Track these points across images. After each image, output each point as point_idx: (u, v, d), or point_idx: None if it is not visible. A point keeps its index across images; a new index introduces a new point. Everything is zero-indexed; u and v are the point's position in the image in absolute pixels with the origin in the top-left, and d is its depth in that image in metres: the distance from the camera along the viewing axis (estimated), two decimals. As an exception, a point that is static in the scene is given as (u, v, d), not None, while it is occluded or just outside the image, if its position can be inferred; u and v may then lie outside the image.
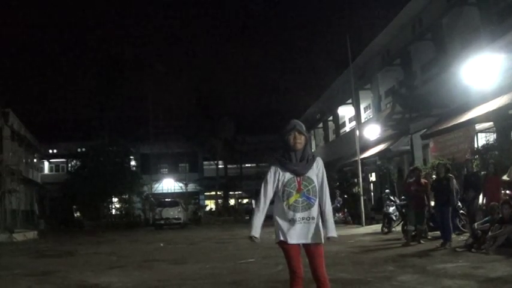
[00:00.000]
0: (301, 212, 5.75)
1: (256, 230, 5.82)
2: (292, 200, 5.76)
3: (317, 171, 5.92)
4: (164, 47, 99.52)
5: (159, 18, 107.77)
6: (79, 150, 54.29)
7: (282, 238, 5.76)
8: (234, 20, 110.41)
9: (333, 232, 5.92)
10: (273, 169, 5.89)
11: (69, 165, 56.87)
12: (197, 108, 64.29)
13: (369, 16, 74.01)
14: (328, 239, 5.91)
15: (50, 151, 67.53)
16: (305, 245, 5.80)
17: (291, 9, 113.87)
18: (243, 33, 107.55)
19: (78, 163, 53.15)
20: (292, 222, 5.73)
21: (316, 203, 5.84)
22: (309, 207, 5.78)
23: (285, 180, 5.82)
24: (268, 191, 5.84)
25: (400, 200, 22.38)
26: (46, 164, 69.47)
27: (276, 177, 5.86)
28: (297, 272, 5.80)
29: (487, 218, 14.09)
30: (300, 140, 5.82)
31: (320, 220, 5.85)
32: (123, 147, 52.95)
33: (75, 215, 52.66)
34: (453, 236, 15.58)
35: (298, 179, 5.81)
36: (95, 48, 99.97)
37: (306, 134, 5.91)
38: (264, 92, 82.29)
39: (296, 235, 5.73)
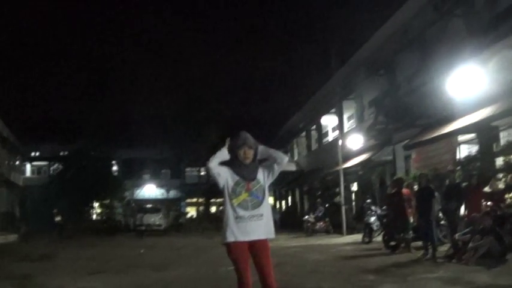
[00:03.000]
0: (250, 210, 5.94)
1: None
2: (241, 198, 5.97)
3: (262, 176, 6.19)
4: (149, 52, 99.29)
5: (144, 23, 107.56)
6: (61, 153, 54.05)
7: (230, 239, 5.91)
8: (219, 28, 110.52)
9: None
10: (224, 167, 6.17)
11: (51, 168, 56.60)
12: (181, 114, 64.15)
13: (354, 26, 74.12)
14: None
15: (33, 154, 67.21)
16: (253, 245, 5.93)
17: (277, 18, 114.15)
18: (228, 40, 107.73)
19: (60, 166, 52.93)
20: (242, 220, 5.90)
21: (265, 201, 6.06)
22: (258, 205, 5.98)
23: (235, 180, 6.06)
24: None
25: (382, 210, 22.46)
26: (28, 166, 68.99)
27: (225, 176, 6.12)
28: (244, 277, 5.95)
29: (468, 229, 14.11)
30: (250, 155, 6.15)
31: (271, 218, 6.09)
32: (106, 151, 52.82)
33: (56, 218, 52.39)
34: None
35: (247, 181, 6.06)
36: (79, 52, 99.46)
37: (254, 147, 6.20)
38: (248, 99, 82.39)
39: (247, 232, 5.90)
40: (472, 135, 20.17)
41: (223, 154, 6.18)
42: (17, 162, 60.01)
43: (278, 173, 6.37)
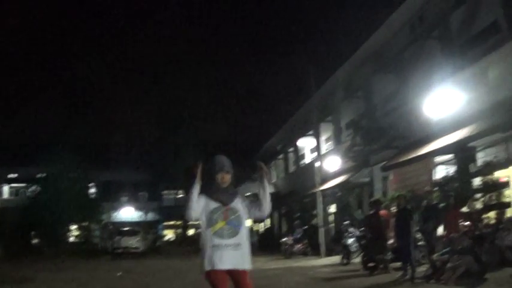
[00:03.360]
0: (227, 238, 5.88)
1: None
2: (217, 226, 5.91)
3: (241, 201, 6.17)
4: (127, 76, 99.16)
5: (122, 46, 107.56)
6: (39, 175, 53.57)
7: (209, 268, 5.85)
8: (196, 51, 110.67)
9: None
10: (199, 196, 6.05)
11: (29, 190, 56.05)
12: (158, 137, 64.05)
13: (331, 48, 74.58)
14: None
15: (10, 175, 66.71)
16: (232, 274, 5.89)
17: (255, 39, 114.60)
18: (205, 63, 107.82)
19: (37, 188, 52.44)
20: (218, 248, 5.83)
21: (242, 230, 6.00)
22: (235, 233, 5.93)
23: (212, 207, 5.99)
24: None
25: (360, 232, 22.46)
26: (6, 188, 68.48)
27: (202, 205, 6.03)
28: None
29: (446, 249, 14.12)
30: (227, 180, 6.13)
31: (248, 247, 6.01)
32: (84, 173, 52.43)
33: (34, 241, 51.89)
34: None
35: (224, 208, 6.00)
36: (57, 74, 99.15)
37: (232, 171, 6.19)
38: (226, 122, 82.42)
39: (224, 261, 5.82)
40: (449, 156, 20.24)
41: (195, 196, 6.04)
42: (-5, 184, 59.68)
43: (253, 217, 6.37)
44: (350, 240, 22.49)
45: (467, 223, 15.43)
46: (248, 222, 6.30)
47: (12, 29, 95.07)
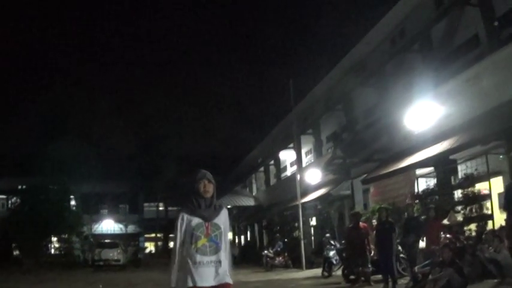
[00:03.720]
0: (209, 255, 5.84)
1: (175, 281, 5.89)
2: (200, 243, 5.86)
3: (224, 220, 6.08)
4: (106, 88, 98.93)
5: (101, 59, 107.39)
6: (19, 187, 53.23)
7: (189, 284, 5.76)
8: (178, 62, 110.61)
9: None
10: (180, 215, 6.02)
11: (9, 202, 55.67)
12: (139, 149, 63.86)
13: (313, 60, 74.78)
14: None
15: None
16: None
17: (236, 50, 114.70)
18: (186, 75, 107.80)
19: (18, 200, 52.12)
20: (200, 265, 5.79)
21: (223, 247, 5.96)
22: (216, 251, 5.89)
23: (194, 224, 5.92)
24: (179, 237, 6.00)
25: (341, 244, 22.47)
26: (-14, 199, 67.98)
27: (184, 223, 5.97)
28: None
29: (427, 262, 14.14)
30: (209, 189, 6.04)
31: (228, 263, 5.98)
32: (64, 185, 52.14)
33: (14, 253, 51.52)
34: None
35: (207, 224, 5.94)
36: (38, 84, 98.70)
37: (214, 183, 6.10)
38: (206, 134, 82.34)
39: (205, 278, 5.77)
40: (430, 169, 20.32)
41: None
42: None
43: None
44: (331, 253, 22.46)
45: (448, 235, 15.49)
46: (229, 235, 6.28)
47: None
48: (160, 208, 67.05)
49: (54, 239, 53.01)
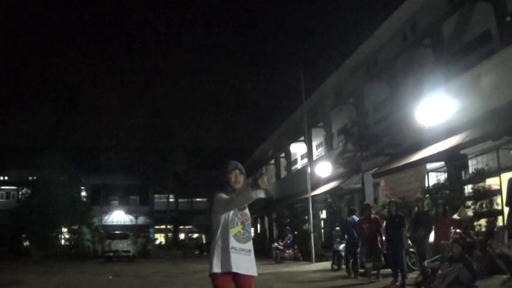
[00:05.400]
0: (242, 243, 5.86)
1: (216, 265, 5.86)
2: (236, 230, 5.87)
3: (248, 211, 6.12)
4: (118, 78, 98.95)
5: (113, 50, 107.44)
6: (30, 178, 53.46)
7: (218, 270, 5.76)
8: (189, 55, 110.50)
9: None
10: (219, 195, 5.98)
11: (20, 193, 55.92)
12: (149, 141, 63.85)
13: (323, 54, 74.60)
14: None
15: (1, 178, 66.59)
16: (238, 279, 5.83)
17: (246, 44, 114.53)
18: (197, 67, 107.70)
19: (28, 191, 52.35)
20: (236, 251, 5.78)
21: (251, 237, 6.02)
22: (248, 239, 5.93)
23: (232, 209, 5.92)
24: (223, 218, 5.90)
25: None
26: (-4, 191, 68.39)
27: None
28: None
29: (437, 256, 14.15)
30: (240, 180, 6.09)
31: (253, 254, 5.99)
32: (74, 177, 52.35)
33: (24, 244, 51.80)
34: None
35: (241, 212, 5.98)
36: (48, 77, 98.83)
37: (245, 174, 6.16)
38: (217, 126, 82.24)
39: (239, 265, 5.77)
40: (440, 164, 20.27)
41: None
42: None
43: None
44: (341, 246, 22.45)
45: (458, 230, 15.50)
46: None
47: (1, 32, 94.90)
48: (171, 200, 67.07)
49: (64, 230, 53.26)
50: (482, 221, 16.70)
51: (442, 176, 20.26)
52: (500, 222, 16.29)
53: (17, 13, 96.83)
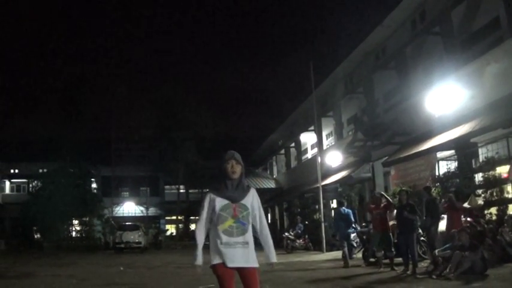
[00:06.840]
0: (236, 236, 5.87)
1: (199, 259, 6.03)
2: (226, 224, 5.88)
3: (251, 200, 6.11)
4: (127, 70, 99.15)
5: (122, 41, 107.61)
6: (40, 171, 53.67)
7: (217, 261, 5.83)
8: (197, 47, 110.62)
9: (274, 258, 6.24)
10: (208, 196, 6.09)
11: (30, 185, 56.19)
12: (159, 132, 63.86)
13: (332, 43, 74.47)
14: (269, 264, 6.22)
15: (12, 171, 66.83)
16: (241, 271, 5.88)
17: (256, 34, 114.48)
18: (207, 58, 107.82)
19: (39, 184, 52.55)
20: (227, 246, 5.82)
21: (250, 229, 6.00)
22: (243, 232, 5.90)
23: (220, 205, 5.95)
24: (204, 216, 6.03)
25: (361, 227, 22.47)
26: (7, 183, 68.51)
27: (210, 204, 6.01)
28: None
29: (447, 245, 14.13)
30: (237, 170, 6.05)
31: (253, 245, 5.99)
32: (85, 169, 52.53)
33: (35, 236, 51.99)
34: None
35: (234, 205, 5.95)
36: (57, 69, 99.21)
37: (242, 164, 6.13)
38: (227, 117, 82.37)
39: (233, 259, 5.81)
40: (451, 152, 20.25)
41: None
42: (-4, 180, 59.96)
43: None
44: (352, 236, 22.43)
45: (468, 219, 15.49)
46: (263, 217, 6.30)
47: (11, 28, 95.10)
48: (181, 191, 67.07)
49: (75, 222, 53.44)
50: (493, 210, 16.69)
51: (453, 165, 20.23)
52: (510, 210, 16.28)
53: (23, 8, 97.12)
